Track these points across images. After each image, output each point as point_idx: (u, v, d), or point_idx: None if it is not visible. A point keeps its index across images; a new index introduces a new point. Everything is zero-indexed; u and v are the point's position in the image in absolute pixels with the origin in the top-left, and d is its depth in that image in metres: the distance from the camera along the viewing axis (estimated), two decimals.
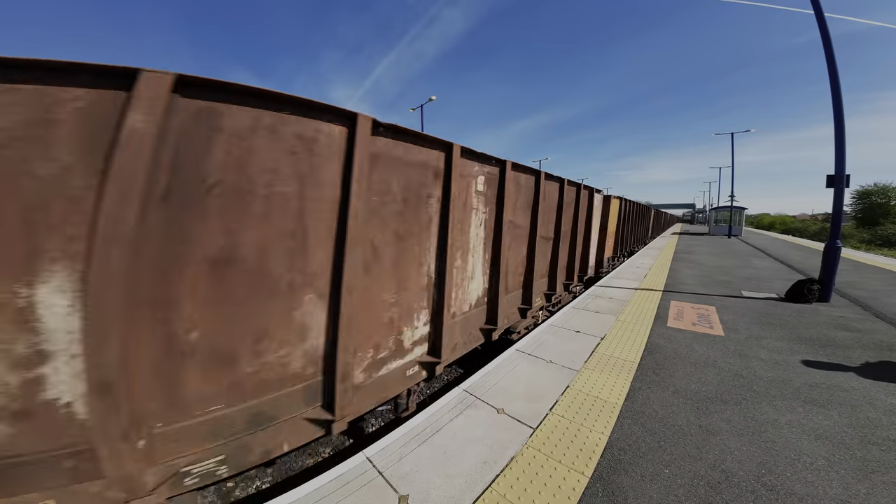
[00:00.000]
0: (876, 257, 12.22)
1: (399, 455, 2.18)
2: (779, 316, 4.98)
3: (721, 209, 26.31)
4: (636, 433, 2.38)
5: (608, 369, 3.31)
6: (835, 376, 3.17)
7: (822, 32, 5.67)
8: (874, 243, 23.40)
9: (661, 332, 4.34)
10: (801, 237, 27.26)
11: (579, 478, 1.99)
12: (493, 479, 1.98)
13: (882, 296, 6.09)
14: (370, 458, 2.15)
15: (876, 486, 1.91)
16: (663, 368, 3.34)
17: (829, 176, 5.82)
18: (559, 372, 3.27)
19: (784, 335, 4.22)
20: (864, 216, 31.29)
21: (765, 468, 2.04)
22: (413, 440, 2.32)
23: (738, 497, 1.84)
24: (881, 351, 3.72)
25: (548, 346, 3.87)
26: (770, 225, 48.87)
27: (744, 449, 2.21)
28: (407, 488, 1.92)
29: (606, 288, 6.85)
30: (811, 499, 1.83)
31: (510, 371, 3.29)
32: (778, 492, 1.87)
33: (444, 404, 2.74)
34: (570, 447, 2.24)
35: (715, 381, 3.09)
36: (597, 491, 1.90)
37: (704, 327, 4.50)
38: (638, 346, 3.89)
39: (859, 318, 4.87)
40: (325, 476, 2.01)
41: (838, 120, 5.62)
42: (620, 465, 2.08)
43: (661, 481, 1.96)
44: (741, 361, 3.49)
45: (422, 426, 2.46)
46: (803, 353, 3.67)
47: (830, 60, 5.61)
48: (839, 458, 2.13)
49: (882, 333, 4.24)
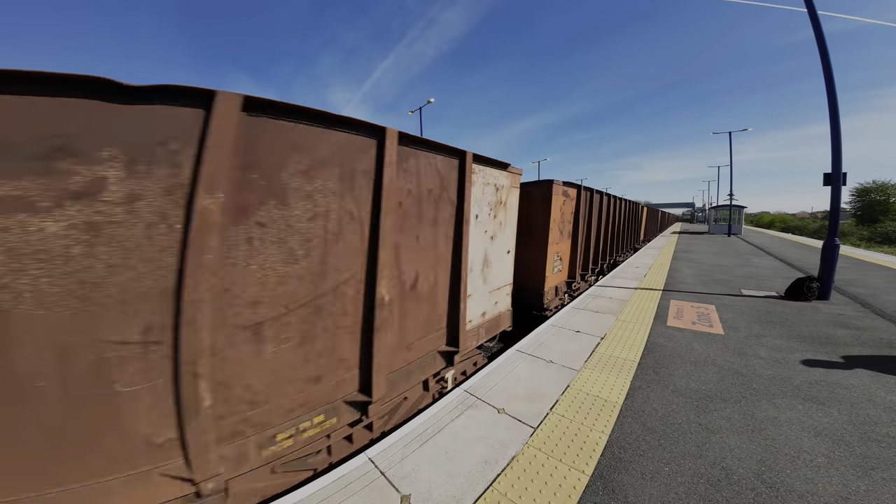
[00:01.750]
0: (875, 254, 12.22)
1: (401, 455, 2.18)
2: (778, 314, 4.99)
3: (720, 208, 26.34)
4: (636, 432, 2.38)
5: (608, 369, 3.32)
6: (834, 374, 3.18)
7: (816, 30, 5.70)
8: (873, 240, 23.42)
9: (660, 331, 4.35)
10: (801, 235, 27.29)
11: (580, 476, 2.00)
12: (494, 479, 1.99)
13: (881, 293, 6.10)
14: (372, 459, 2.15)
15: (876, 482, 1.91)
16: (663, 367, 3.35)
17: (826, 174, 5.86)
18: (559, 372, 3.28)
19: (784, 333, 4.23)
20: (864, 213, 31.33)
21: (765, 465, 2.05)
22: (414, 440, 2.32)
23: (739, 494, 1.85)
24: (881, 348, 3.73)
25: (548, 346, 3.88)
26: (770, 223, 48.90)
27: (744, 447, 2.21)
28: (409, 488, 1.93)
29: (606, 288, 6.86)
30: (811, 496, 1.84)
31: (510, 371, 3.30)
32: (778, 489, 1.88)
33: (446, 405, 2.74)
34: (571, 446, 2.25)
35: (715, 379, 3.10)
36: (597, 489, 1.91)
37: (704, 326, 4.51)
38: (638, 345, 3.90)
39: (859, 315, 4.88)
40: (328, 477, 2.02)
41: (834, 118, 5.64)
42: (621, 464, 2.09)
43: (661, 479, 1.96)
44: (741, 360, 3.50)
45: (423, 426, 2.47)
46: (803, 351, 3.68)
47: (825, 58, 5.64)
48: (839, 455, 2.14)
49: (881, 330, 4.25)
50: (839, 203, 5.75)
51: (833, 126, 5.66)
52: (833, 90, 5.62)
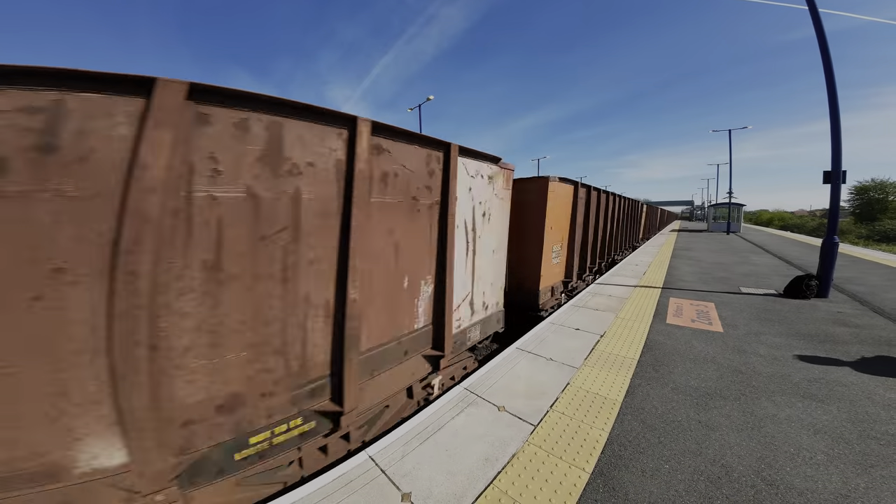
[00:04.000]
0: (874, 252, 12.25)
1: (401, 453, 2.19)
2: (777, 312, 5.00)
3: (719, 206, 26.34)
4: (636, 429, 2.39)
5: (608, 366, 3.32)
6: (833, 371, 3.18)
7: (817, 28, 5.67)
8: (872, 239, 23.48)
9: (660, 328, 4.36)
10: (800, 233, 27.34)
11: (580, 474, 2.00)
12: (494, 476, 1.99)
13: (880, 291, 6.11)
14: (373, 457, 2.15)
15: (875, 480, 1.92)
16: (663, 365, 3.35)
17: (826, 172, 5.85)
18: (559, 369, 3.28)
19: (783, 331, 4.23)
20: (862, 212, 31.41)
21: (764, 463, 2.06)
22: (415, 438, 2.33)
23: (738, 492, 1.85)
24: (879, 346, 3.74)
25: (548, 344, 3.89)
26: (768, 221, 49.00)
27: (743, 444, 2.22)
28: (409, 486, 1.93)
29: (606, 286, 6.86)
30: (811, 493, 1.84)
31: (511, 369, 3.30)
32: (778, 486, 1.89)
33: (446, 402, 2.75)
34: (571, 443, 2.25)
35: (714, 376, 3.11)
36: (598, 486, 1.91)
37: (703, 324, 4.51)
38: (637, 343, 3.90)
39: (857, 313, 4.89)
40: (329, 475, 2.02)
41: (834, 116, 5.63)
42: (621, 461, 2.09)
43: (661, 476, 1.97)
44: (740, 357, 3.50)
45: (423, 424, 2.47)
46: (802, 349, 3.69)
47: (825, 56, 5.62)
48: (838, 452, 2.14)
49: (880, 328, 4.26)
50: (839, 201, 5.76)
51: (833, 123, 5.65)
52: (833, 86, 5.60)
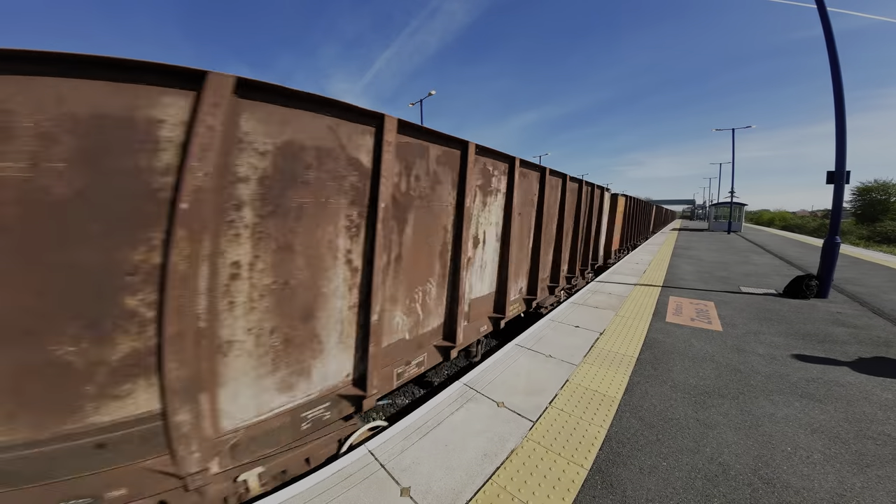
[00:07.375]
0: (875, 254, 12.25)
1: (401, 448, 2.20)
2: (777, 311, 5.01)
3: (721, 205, 26.29)
4: (634, 426, 2.40)
5: (607, 364, 3.33)
6: (831, 371, 3.19)
7: (825, 27, 5.63)
8: (873, 240, 23.46)
9: (659, 327, 4.36)
10: (801, 233, 27.30)
11: (578, 470, 2.01)
12: (493, 472, 2.01)
13: (880, 292, 6.12)
14: (372, 451, 2.17)
15: (871, 479, 1.93)
16: (661, 363, 3.36)
17: (830, 172, 5.82)
18: (558, 366, 3.29)
19: (782, 331, 4.24)
20: (864, 213, 31.32)
21: (761, 461, 2.07)
22: (414, 433, 2.34)
23: (735, 490, 1.87)
24: (878, 347, 3.75)
25: (547, 341, 3.90)
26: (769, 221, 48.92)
27: (741, 442, 2.23)
28: (409, 480, 1.94)
29: (606, 283, 6.86)
30: (807, 492, 1.86)
31: (510, 365, 3.31)
32: (774, 485, 1.90)
33: (445, 398, 2.76)
34: (570, 440, 2.26)
35: (713, 375, 3.12)
36: (596, 483, 1.93)
37: (703, 322, 4.52)
38: (637, 340, 3.91)
39: (857, 314, 4.90)
40: (328, 469, 2.03)
41: (839, 116, 5.59)
42: (619, 458, 2.11)
43: (659, 474, 1.98)
44: (739, 356, 3.51)
45: (423, 419, 2.48)
46: (801, 349, 3.70)
47: (833, 55, 5.58)
48: (835, 452, 2.16)
49: (879, 329, 4.27)
50: (842, 201, 5.74)
51: (838, 124, 5.61)
52: (840, 88, 5.56)
